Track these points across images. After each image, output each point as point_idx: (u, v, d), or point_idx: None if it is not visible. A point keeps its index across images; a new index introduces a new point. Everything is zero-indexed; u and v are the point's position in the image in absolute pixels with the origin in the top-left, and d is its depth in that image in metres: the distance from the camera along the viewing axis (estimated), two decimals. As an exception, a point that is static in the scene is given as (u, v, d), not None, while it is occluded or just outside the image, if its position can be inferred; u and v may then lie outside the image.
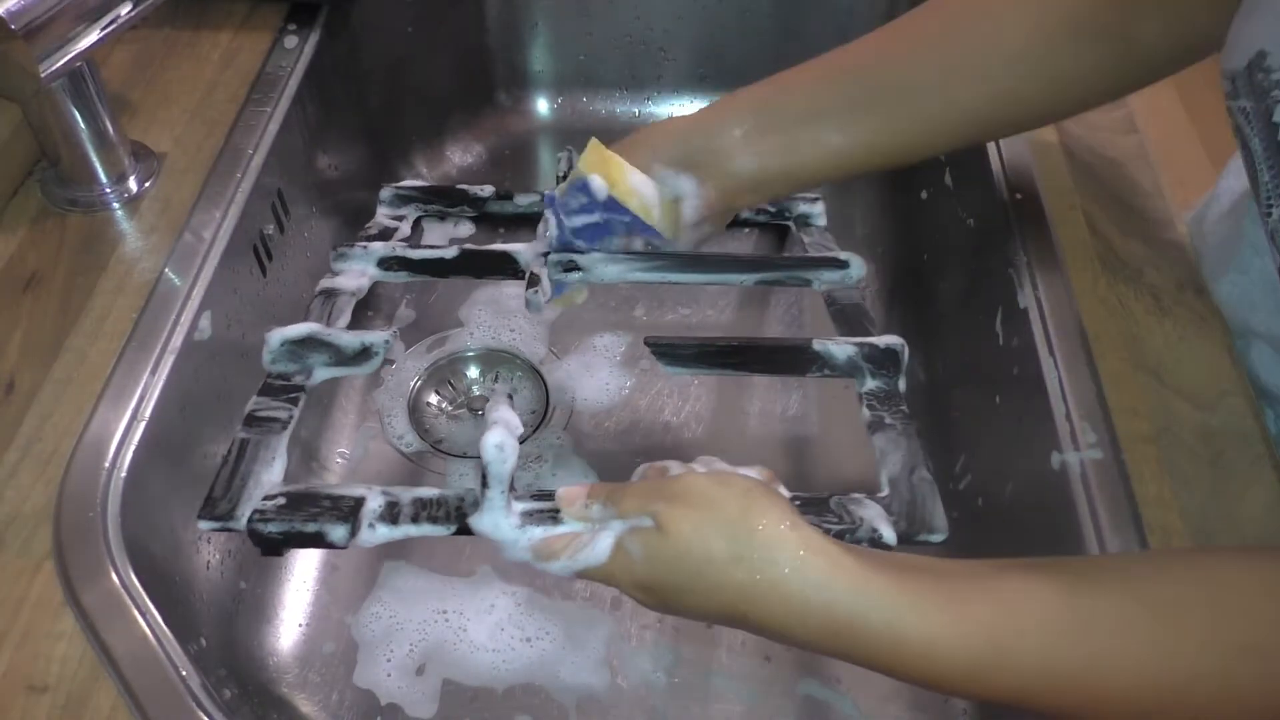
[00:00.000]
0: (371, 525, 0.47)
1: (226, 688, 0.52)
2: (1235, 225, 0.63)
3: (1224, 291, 0.60)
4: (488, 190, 0.75)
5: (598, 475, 0.71)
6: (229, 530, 0.48)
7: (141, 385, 0.53)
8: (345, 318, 0.60)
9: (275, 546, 0.48)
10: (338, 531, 0.46)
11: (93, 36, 0.56)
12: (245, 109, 0.68)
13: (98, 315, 0.56)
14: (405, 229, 0.73)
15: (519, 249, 0.64)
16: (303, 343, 0.55)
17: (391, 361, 0.78)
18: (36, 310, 0.57)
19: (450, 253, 0.63)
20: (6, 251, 0.59)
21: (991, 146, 0.68)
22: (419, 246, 0.65)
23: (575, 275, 0.61)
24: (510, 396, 0.47)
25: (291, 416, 0.53)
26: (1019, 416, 0.59)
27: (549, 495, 0.46)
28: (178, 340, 0.56)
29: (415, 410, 0.75)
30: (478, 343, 0.79)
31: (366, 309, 0.80)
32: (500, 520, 0.45)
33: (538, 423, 0.74)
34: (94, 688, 0.44)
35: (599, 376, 0.77)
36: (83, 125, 0.60)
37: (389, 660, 0.62)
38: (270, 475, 0.50)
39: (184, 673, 0.44)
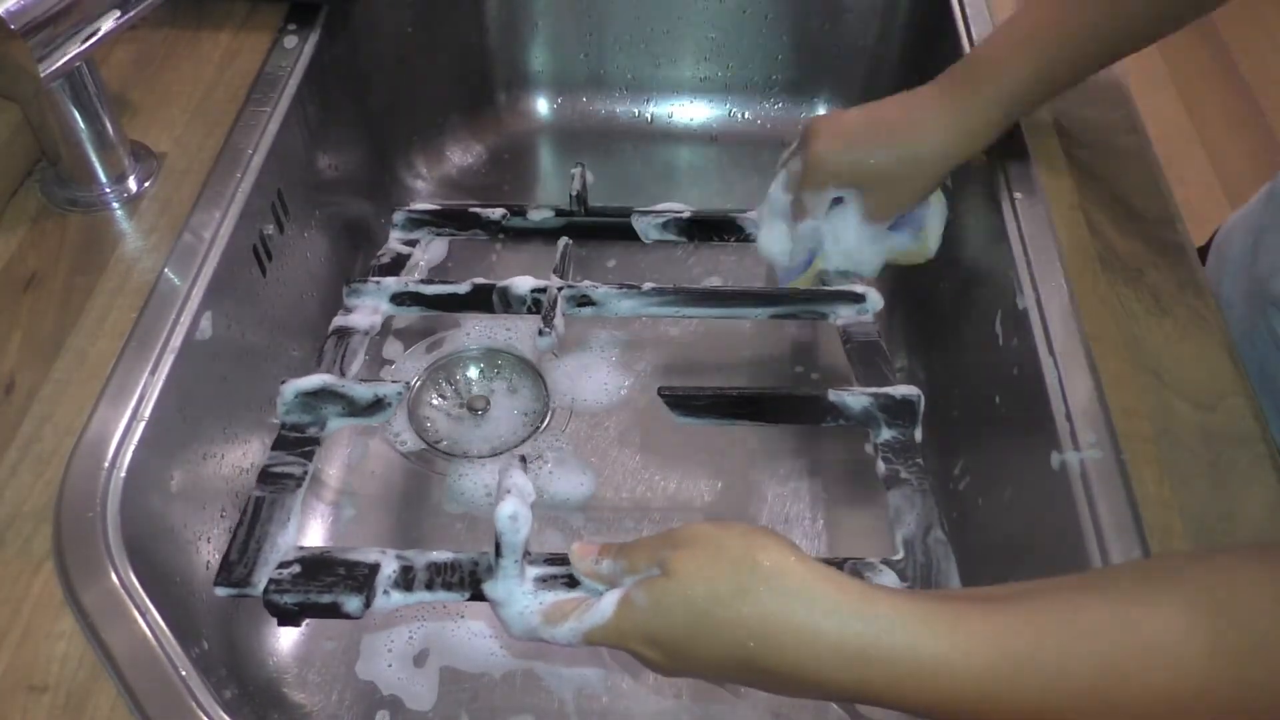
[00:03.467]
0: (386, 592, 0.47)
1: (226, 687, 0.52)
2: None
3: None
4: (499, 213, 0.75)
5: (596, 476, 0.71)
6: (245, 596, 0.48)
7: (141, 385, 0.53)
8: (359, 360, 0.61)
9: (292, 617, 0.48)
10: (353, 602, 0.47)
11: (93, 37, 0.56)
12: (245, 109, 0.68)
13: (98, 315, 0.56)
14: (419, 255, 0.72)
15: (529, 283, 0.63)
16: (316, 394, 0.55)
17: (391, 362, 0.78)
18: (36, 310, 0.57)
19: (463, 288, 0.64)
20: (6, 251, 0.59)
21: (992, 148, 0.68)
22: (431, 282, 0.65)
23: (588, 310, 0.61)
24: (523, 460, 0.48)
25: (306, 473, 0.54)
26: (1019, 416, 0.59)
27: (562, 560, 0.46)
28: (178, 340, 0.56)
29: (415, 410, 0.75)
30: (476, 343, 0.79)
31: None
32: (514, 587, 0.46)
33: (538, 423, 0.74)
34: (94, 687, 0.44)
35: (597, 377, 0.77)
36: (83, 125, 0.60)
37: (390, 650, 0.62)
38: (285, 537, 0.51)
39: (184, 672, 0.44)
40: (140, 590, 0.46)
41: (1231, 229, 0.73)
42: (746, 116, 0.95)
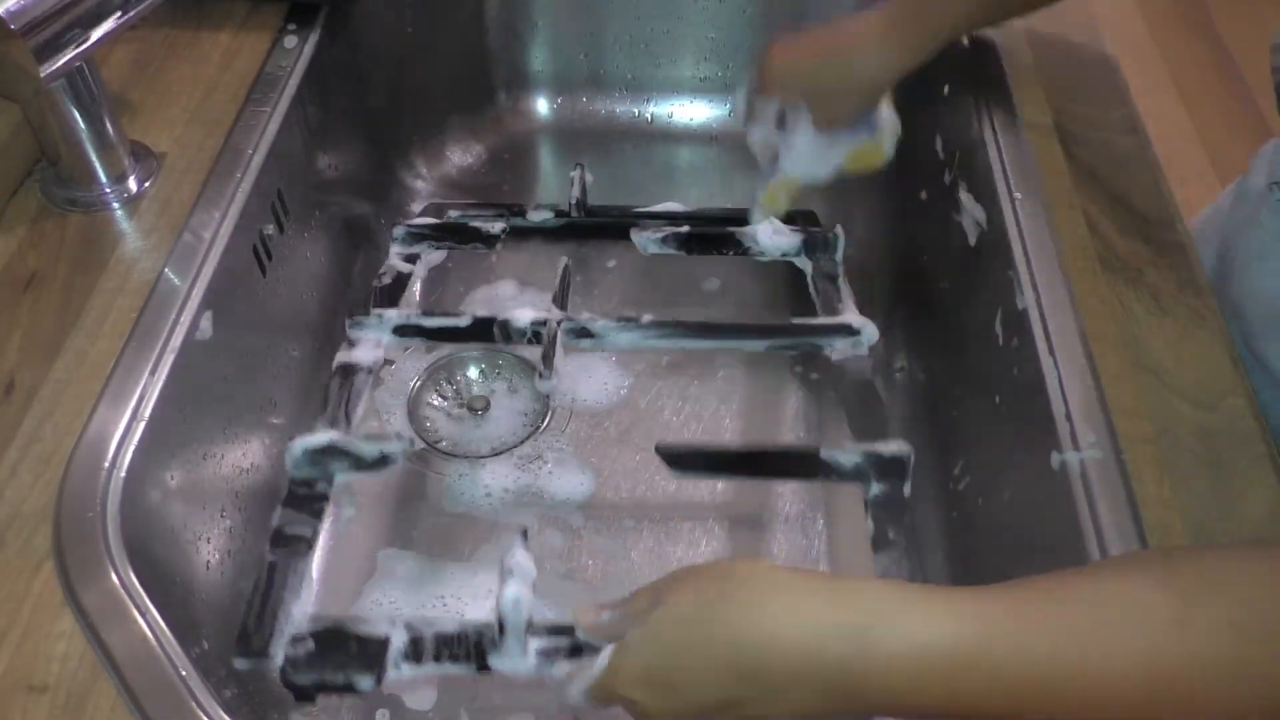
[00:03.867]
0: (397, 665, 0.49)
1: (226, 687, 0.52)
2: (1254, 216, 0.64)
3: (1253, 284, 0.61)
4: (498, 226, 0.76)
5: (596, 476, 0.71)
6: (263, 669, 0.50)
7: (141, 385, 0.53)
8: (364, 400, 0.63)
9: (308, 696, 0.50)
10: (365, 681, 0.48)
11: (93, 36, 0.56)
12: (245, 109, 0.68)
13: (98, 315, 0.56)
14: (420, 270, 0.75)
15: (529, 316, 0.65)
16: (324, 451, 0.58)
17: (391, 362, 0.78)
18: (36, 310, 0.57)
19: (464, 321, 0.66)
20: (6, 251, 0.59)
21: (991, 147, 0.68)
22: (433, 314, 0.67)
23: (587, 342, 0.64)
24: (524, 533, 0.51)
25: (316, 534, 0.56)
26: (1019, 417, 0.59)
27: (565, 629, 0.47)
28: (178, 340, 0.56)
29: (415, 410, 0.75)
30: (475, 343, 0.79)
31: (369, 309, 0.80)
32: (518, 663, 0.48)
33: (538, 423, 0.74)
34: (94, 687, 0.44)
35: (597, 377, 0.77)
36: (83, 125, 0.60)
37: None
38: (300, 605, 0.53)
39: (184, 672, 0.44)
40: (140, 590, 0.46)
41: (1199, 233, 0.74)
42: (746, 116, 0.95)
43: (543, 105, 0.95)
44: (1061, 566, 0.52)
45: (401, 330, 0.67)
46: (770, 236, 0.73)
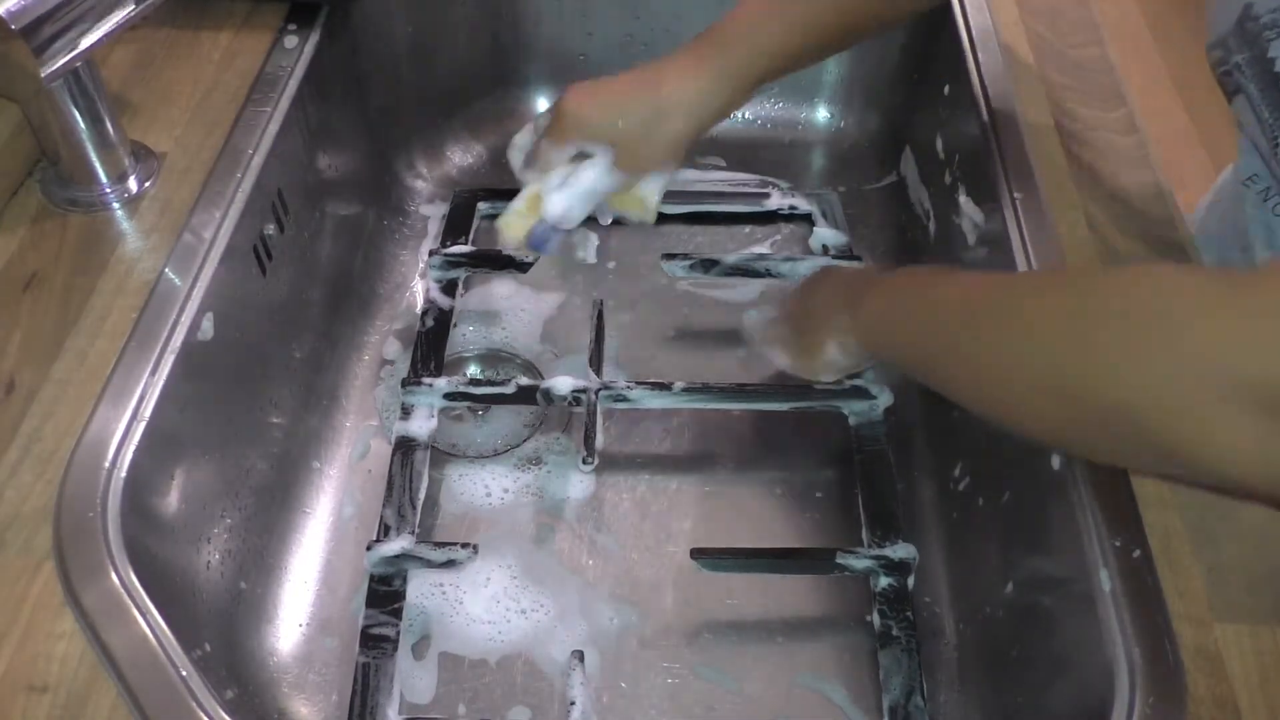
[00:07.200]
0: None
1: (227, 687, 0.52)
2: (1236, 209, 0.64)
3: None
4: (533, 254, 0.77)
5: (596, 476, 0.71)
6: None
7: (141, 385, 0.53)
8: (424, 480, 0.67)
9: None
10: None
11: (93, 36, 0.56)
12: (245, 109, 0.68)
13: (98, 315, 0.56)
14: (461, 306, 0.78)
15: (570, 384, 0.69)
16: (398, 556, 0.62)
17: (391, 362, 0.78)
18: (36, 310, 0.57)
19: (509, 389, 0.70)
20: (6, 251, 0.59)
21: (992, 146, 0.68)
22: (480, 383, 0.71)
23: (623, 404, 0.69)
24: (580, 656, 0.59)
25: (398, 633, 0.59)
26: (1019, 416, 0.59)
27: None
28: (178, 340, 0.56)
29: (415, 410, 0.75)
30: (475, 343, 0.79)
31: (370, 309, 0.80)
32: None
33: (537, 423, 0.74)
34: (94, 688, 0.44)
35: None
36: (83, 125, 0.60)
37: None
38: (392, 708, 0.57)
39: (184, 673, 0.44)
40: (140, 590, 0.46)
41: (1201, 224, 0.74)
42: (746, 116, 0.95)
43: (543, 105, 0.95)
44: (1061, 568, 0.52)
45: (452, 396, 0.71)
46: (793, 265, 0.75)
